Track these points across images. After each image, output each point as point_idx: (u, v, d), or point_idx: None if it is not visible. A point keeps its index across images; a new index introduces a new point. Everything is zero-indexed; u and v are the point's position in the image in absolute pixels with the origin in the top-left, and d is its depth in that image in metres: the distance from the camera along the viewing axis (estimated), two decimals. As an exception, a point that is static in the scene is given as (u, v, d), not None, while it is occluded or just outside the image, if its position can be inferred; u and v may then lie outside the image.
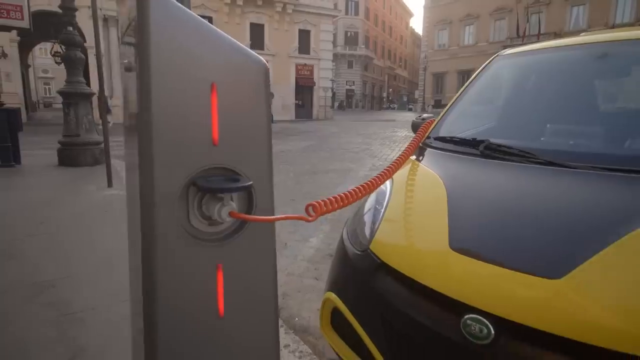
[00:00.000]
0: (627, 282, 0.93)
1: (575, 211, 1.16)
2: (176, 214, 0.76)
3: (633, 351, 0.84)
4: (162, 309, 0.78)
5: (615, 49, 1.73)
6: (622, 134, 1.48)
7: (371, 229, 1.50)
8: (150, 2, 0.68)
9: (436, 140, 1.86)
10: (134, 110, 0.79)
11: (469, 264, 1.13)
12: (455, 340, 1.05)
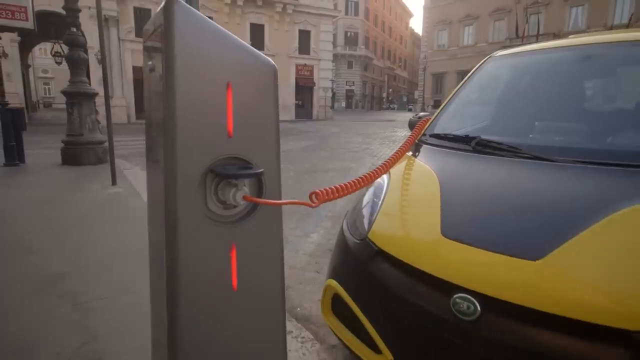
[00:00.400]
0: (598, 262, 1.04)
1: (555, 200, 1.26)
2: (196, 199, 0.86)
3: (602, 322, 0.94)
4: (183, 284, 0.89)
5: (598, 51, 1.84)
6: (602, 130, 1.58)
7: (369, 220, 1.60)
8: (175, 12, 0.79)
9: (431, 137, 1.96)
10: (158, 107, 0.90)
11: (458, 249, 1.23)
12: (446, 318, 1.15)
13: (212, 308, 0.92)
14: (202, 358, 0.93)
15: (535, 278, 1.06)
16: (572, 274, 1.04)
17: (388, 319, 1.35)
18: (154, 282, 1.12)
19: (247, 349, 1.00)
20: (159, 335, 1.05)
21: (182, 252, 0.87)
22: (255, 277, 0.97)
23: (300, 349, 1.87)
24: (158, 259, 0.99)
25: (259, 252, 0.97)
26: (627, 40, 1.82)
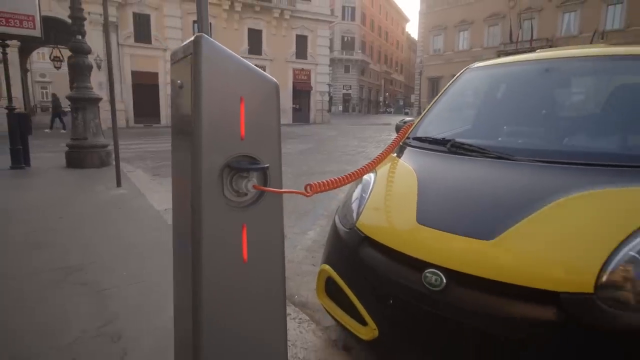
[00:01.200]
0: (535, 240, 1.28)
1: (508, 192, 1.51)
2: (215, 188, 1.11)
3: (538, 286, 1.18)
4: (205, 256, 1.12)
5: (557, 65, 2.10)
6: (554, 133, 1.84)
7: (357, 212, 1.84)
8: (202, 44, 1.03)
9: (414, 140, 2.21)
10: (185, 115, 1.14)
11: (429, 233, 1.47)
12: (418, 289, 1.40)
13: (228, 276, 1.16)
14: (219, 317, 1.16)
15: (488, 254, 1.31)
16: (516, 250, 1.29)
17: (372, 294, 1.59)
18: (177, 260, 1.35)
19: (254, 312, 1.23)
20: (182, 300, 1.29)
21: (204, 230, 1.11)
22: (261, 251, 1.20)
23: (297, 328, 2.10)
24: (183, 239, 1.22)
25: (264, 231, 1.21)
26: (581, 56, 2.08)
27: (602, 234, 1.23)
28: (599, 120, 1.90)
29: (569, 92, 2.07)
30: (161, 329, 2.01)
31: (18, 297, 2.35)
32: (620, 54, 2.03)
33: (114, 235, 3.53)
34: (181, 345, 1.34)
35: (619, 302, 1.12)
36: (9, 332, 1.98)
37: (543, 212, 1.34)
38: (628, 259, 1.15)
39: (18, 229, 3.65)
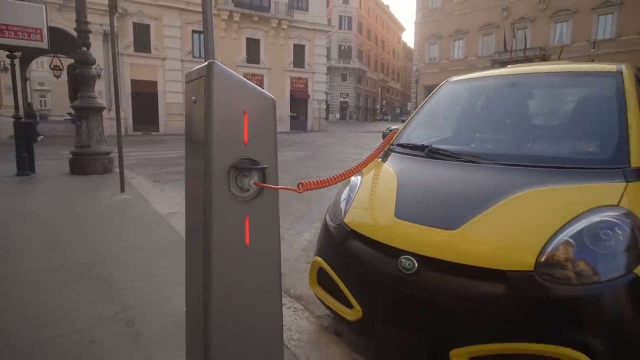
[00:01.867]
0: (490, 229, 1.53)
1: (472, 190, 1.76)
2: (223, 185, 1.35)
3: (491, 266, 1.43)
4: (214, 243, 1.36)
5: (522, 80, 2.37)
6: (515, 140, 2.10)
7: (345, 210, 2.09)
8: (214, 68, 1.28)
9: (397, 146, 2.46)
10: (198, 126, 1.38)
11: (404, 225, 1.72)
12: (394, 273, 1.64)
13: (232, 258, 1.40)
14: (225, 294, 1.40)
15: (452, 242, 1.55)
16: (474, 238, 1.53)
17: (357, 280, 1.83)
18: (190, 246, 1.59)
19: (254, 291, 1.47)
20: (193, 279, 1.52)
21: (214, 220, 1.35)
22: (260, 238, 1.45)
23: (292, 315, 2.34)
24: (195, 229, 1.46)
25: (263, 222, 1.45)
26: (544, 72, 2.35)
27: (543, 223, 1.48)
28: (548, 129, 2.16)
29: (528, 104, 2.33)
30: (170, 316, 2.24)
31: (39, 289, 2.57)
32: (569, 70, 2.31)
33: (121, 237, 3.76)
34: (192, 320, 1.58)
35: (553, 278, 1.36)
36: (32, 318, 2.20)
37: (498, 206, 1.59)
38: (562, 243, 1.40)
39: (32, 230, 3.87)
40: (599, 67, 2.22)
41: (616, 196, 1.53)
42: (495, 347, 1.40)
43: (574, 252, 1.39)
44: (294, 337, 2.08)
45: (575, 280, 1.36)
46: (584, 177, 1.67)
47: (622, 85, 1.97)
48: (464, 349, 1.45)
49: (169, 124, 26.06)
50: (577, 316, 1.33)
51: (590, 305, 1.33)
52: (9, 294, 2.50)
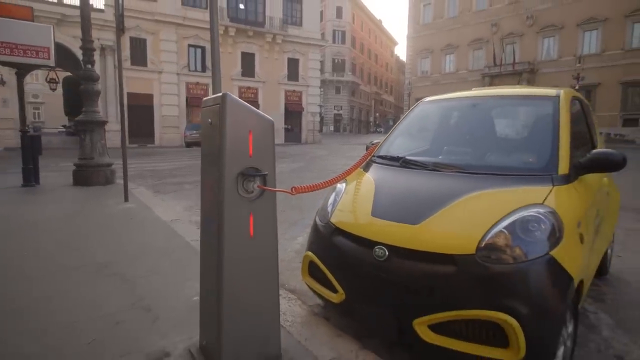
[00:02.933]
0: (444, 223, 1.92)
1: (432, 193, 2.15)
2: (233, 188, 1.73)
3: (444, 251, 1.82)
4: (226, 233, 1.74)
5: (485, 101, 2.80)
6: (471, 153, 2.51)
7: (331, 211, 2.47)
8: (227, 98, 1.68)
9: (377, 157, 2.86)
10: (213, 142, 1.77)
11: (378, 222, 2.11)
12: (370, 261, 2.02)
13: (240, 246, 1.78)
14: (234, 276, 1.77)
15: (415, 234, 1.94)
16: (432, 230, 1.92)
17: (340, 268, 2.21)
18: (204, 237, 1.96)
19: (256, 272, 1.85)
20: (208, 264, 1.89)
21: (225, 216, 1.73)
22: (262, 230, 1.83)
23: (287, 303, 2.70)
24: (210, 223, 1.84)
25: (264, 217, 1.84)
26: (499, 95, 2.79)
27: (485, 218, 1.88)
28: (498, 143, 2.58)
29: (484, 122, 2.75)
30: (182, 305, 2.60)
31: (66, 284, 2.92)
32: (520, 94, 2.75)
33: (130, 241, 4.11)
34: (206, 297, 1.94)
35: (490, 259, 1.76)
36: (63, 307, 2.55)
37: (451, 206, 1.99)
38: (498, 233, 1.80)
39: (49, 236, 4.21)
40: (542, 92, 2.65)
41: (543, 197, 1.94)
42: (447, 314, 1.78)
43: (507, 239, 1.79)
44: (288, 320, 2.44)
45: (507, 260, 1.75)
46: (521, 181, 2.08)
47: (558, 108, 2.39)
48: (424, 318, 1.83)
49: (164, 136, 26.40)
50: (508, 287, 1.72)
51: (517, 279, 1.73)
52: (41, 289, 2.85)
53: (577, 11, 34.84)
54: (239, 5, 28.26)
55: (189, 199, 6.88)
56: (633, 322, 2.59)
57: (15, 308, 2.54)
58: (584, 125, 2.79)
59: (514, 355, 1.66)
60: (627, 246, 4.20)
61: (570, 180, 2.11)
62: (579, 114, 2.71)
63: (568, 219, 1.88)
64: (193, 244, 3.92)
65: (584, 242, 2.00)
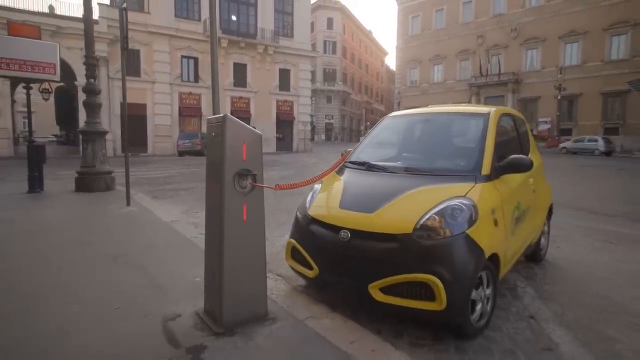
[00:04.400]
0: (393, 211, 2.53)
1: (386, 190, 2.76)
2: (231, 184, 2.33)
3: (390, 231, 2.42)
4: (225, 219, 2.33)
5: (434, 117, 3.45)
6: (418, 157, 3.15)
7: (308, 206, 3.07)
8: (227, 118, 2.28)
9: (348, 162, 3.47)
10: (216, 150, 2.36)
11: (344, 212, 2.71)
12: (337, 242, 2.61)
13: (236, 228, 2.36)
14: (232, 251, 2.35)
15: (370, 220, 2.54)
16: (383, 216, 2.53)
17: (315, 249, 2.80)
18: (209, 223, 2.54)
19: (248, 249, 2.43)
20: (211, 241, 2.47)
21: (225, 206, 2.32)
22: (252, 216, 2.42)
23: (274, 282, 3.28)
24: (213, 211, 2.43)
25: (254, 206, 2.43)
26: (446, 112, 3.45)
27: (421, 206, 2.49)
28: (440, 150, 3.22)
29: (432, 133, 3.39)
30: (188, 283, 3.16)
31: (87, 272, 3.47)
32: (462, 112, 3.41)
33: (136, 238, 4.66)
34: (210, 264, 2.52)
35: (423, 237, 2.36)
36: (89, 286, 3.10)
37: (398, 199, 2.61)
38: (429, 217, 2.41)
39: (62, 235, 4.74)
40: (478, 110, 3.30)
41: (466, 191, 2.56)
42: (392, 279, 2.37)
43: (436, 222, 2.40)
44: (274, 293, 3.02)
45: (435, 237, 2.36)
46: (452, 180, 2.70)
47: (487, 123, 3.04)
48: (376, 282, 2.42)
49: (157, 145, 26.83)
50: (434, 257, 2.33)
51: (441, 251, 2.34)
52: (68, 274, 3.39)
53: (559, 24, 36.22)
54: (231, 17, 28.98)
55: (186, 204, 7.43)
56: (551, 294, 3.21)
57: (49, 287, 3.09)
58: (514, 136, 3.45)
59: (438, 306, 2.27)
60: (569, 239, 4.86)
61: (490, 179, 2.75)
62: (508, 127, 3.38)
63: (483, 207, 2.51)
64: (193, 240, 4.48)
65: (498, 225, 2.62)
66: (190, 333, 2.37)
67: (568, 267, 3.89)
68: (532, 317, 2.79)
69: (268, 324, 2.51)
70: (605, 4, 33.86)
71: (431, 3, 46.66)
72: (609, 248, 4.52)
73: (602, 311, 2.90)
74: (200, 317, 2.55)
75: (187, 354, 2.13)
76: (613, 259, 4.10)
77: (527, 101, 39.06)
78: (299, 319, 2.59)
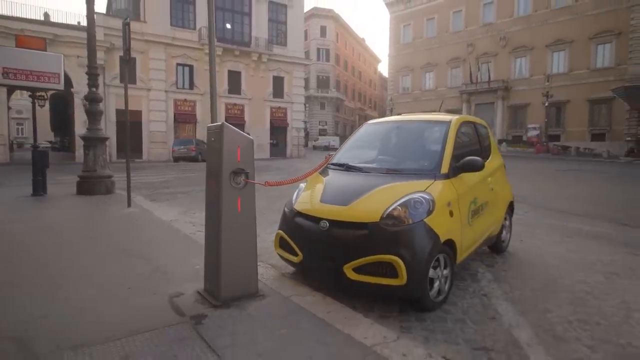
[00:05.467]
0: (364, 204, 3.01)
1: (360, 186, 3.23)
2: (227, 181, 2.79)
3: (361, 220, 2.90)
4: (224, 210, 2.80)
5: (404, 124, 3.95)
6: (393, 160, 3.64)
7: (294, 201, 3.53)
8: (224, 126, 2.74)
9: (331, 164, 3.94)
10: (216, 154, 2.82)
11: (324, 206, 3.18)
12: (317, 230, 3.08)
13: (232, 217, 2.82)
14: (228, 237, 2.81)
15: (346, 211, 3.01)
16: (356, 208, 3.00)
17: (299, 237, 3.26)
18: (209, 214, 2.99)
19: (242, 237, 2.88)
20: (210, 229, 2.92)
21: (223, 199, 2.79)
22: (245, 208, 2.88)
23: (265, 270, 3.72)
24: (213, 204, 2.88)
25: (247, 200, 2.89)
26: (415, 120, 3.95)
27: (388, 199, 2.97)
28: (408, 152, 3.71)
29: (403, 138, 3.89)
30: (189, 270, 3.60)
31: (99, 263, 3.89)
32: (429, 119, 3.92)
33: (140, 234, 5.09)
34: (209, 249, 2.97)
35: (389, 224, 2.83)
36: (103, 272, 3.53)
37: (369, 194, 3.08)
38: (394, 208, 2.88)
39: (73, 231, 5.16)
40: (442, 118, 3.80)
41: (426, 186, 3.05)
42: (363, 260, 2.84)
43: (400, 211, 2.87)
44: (265, 277, 3.47)
45: (399, 224, 2.83)
46: (416, 177, 3.19)
47: (448, 129, 3.53)
48: (350, 263, 2.88)
49: (152, 151, 27.17)
50: (397, 241, 2.80)
51: (403, 236, 2.81)
52: (82, 263, 3.83)
53: (546, 33, 37.18)
54: (226, 25, 29.52)
55: (183, 206, 7.85)
56: (506, 278, 3.69)
57: (66, 273, 3.52)
58: (474, 141, 3.96)
59: (400, 282, 2.73)
60: (532, 234, 5.36)
61: (448, 177, 3.24)
62: (469, 133, 3.88)
63: (439, 200, 2.99)
64: (192, 236, 4.92)
65: (454, 216, 3.10)
66: (193, 306, 2.82)
67: (526, 257, 4.37)
68: (485, 295, 3.27)
69: (259, 299, 2.96)
70: (590, 14, 34.86)
71: (422, 12, 47.58)
72: (565, 241, 5.03)
73: (545, 290, 3.39)
74: (201, 294, 3.00)
75: (191, 320, 2.58)
76: (565, 250, 4.60)
77: (517, 108, 39.91)
78: (285, 296, 3.05)
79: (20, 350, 2.23)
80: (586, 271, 3.87)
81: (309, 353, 2.24)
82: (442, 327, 2.75)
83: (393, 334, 2.47)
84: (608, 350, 2.46)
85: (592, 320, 2.84)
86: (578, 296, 3.26)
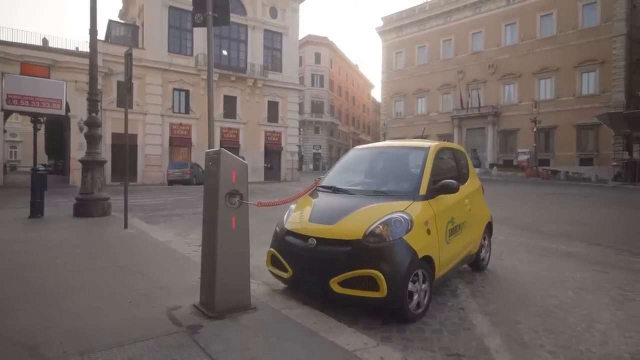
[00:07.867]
0: (349, 223, 3.28)
1: (345, 206, 3.52)
2: (223, 201, 3.07)
3: (345, 237, 3.17)
4: (219, 229, 3.06)
5: (387, 150, 4.28)
6: (376, 182, 3.94)
7: (285, 221, 3.80)
8: (222, 152, 3.04)
9: (319, 187, 4.23)
10: (214, 177, 3.11)
11: (312, 224, 3.45)
12: (306, 247, 3.34)
13: (226, 235, 3.07)
14: (223, 254, 3.06)
15: (332, 230, 3.29)
16: (341, 227, 3.28)
17: (289, 254, 3.51)
18: (205, 232, 3.24)
19: (235, 253, 3.13)
20: (207, 245, 3.17)
21: (219, 218, 3.05)
22: (239, 227, 3.14)
23: (258, 286, 3.95)
24: (209, 222, 3.14)
25: (241, 219, 3.16)
26: (396, 146, 4.28)
27: (370, 219, 3.25)
28: (390, 176, 4.02)
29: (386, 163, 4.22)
30: (186, 285, 3.82)
31: (100, 276, 4.10)
32: (409, 146, 4.25)
33: (138, 253, 5.30)
34: (206, 265, 3.21)
35: (371, 241, 3.11)
36: (104, 287, 3.74)
37: (353, 214, 3.36)
38: (376, 226, 3.16)
39: (73, 250, 5.36)
40: (421, 144, 4.14)
41: (405, 207, 3.34)
42: (347, 274, 3.09)
43: (381, 229, 3.15)
44: (257, 292, 3.69)
45: (380, 241, 3.10)
46: (396, 199, 3.48)
47: (427, 155, 3.86)
48: (336, 278, 3.14)
49: (147, 174, 27.33)
50: (378, 256, 3.06)
51: (384, 251, 3.08)
52: (84, 279, 4.03)
53: (532, 62, 38.47)
54: (222, 52, 30.31)
55: (178, 227, 8.07)
56: (483, 293, 3.95)
57: (70, 288, 3.72)
58: (452, 166, 4.28)
59: (381, 294, 2.98)
60: (512, 254, 5.65)
61: (426, 198, 3.54)
62: (447, 158, 4.22)
63: (417, 219, 3.28)
64: (187, 255, 5.13)
65: (431, 234, 3.38)
66: (189, 317, 3.04)
67: (504, 274, 4.64)
68: (462, 309, 3.52)
69: (251, 311, 3.19)
70: (573, 44, 36.22)
71: (414, 40, 49.08)
72: (542, 260, 5.31)
73: (518, 304, 3.64)
74: (197, 307, 3.22)
75: (188, 330, 2.80)
76: (541, 268, 4.88)
77: (507, 133, 40.79)
78: (275, 309, 3.28)
79: (32, 356, 2.43)
80: (557, 287, 4.14)
81: (296, 357, 2.47)
82: (420, 337, 2.99)
83: (373, 342, 2.70)
84: (567, 355, 2.70)
85: (557, 329, 3.10)
86: (547, 309, 3.52)
